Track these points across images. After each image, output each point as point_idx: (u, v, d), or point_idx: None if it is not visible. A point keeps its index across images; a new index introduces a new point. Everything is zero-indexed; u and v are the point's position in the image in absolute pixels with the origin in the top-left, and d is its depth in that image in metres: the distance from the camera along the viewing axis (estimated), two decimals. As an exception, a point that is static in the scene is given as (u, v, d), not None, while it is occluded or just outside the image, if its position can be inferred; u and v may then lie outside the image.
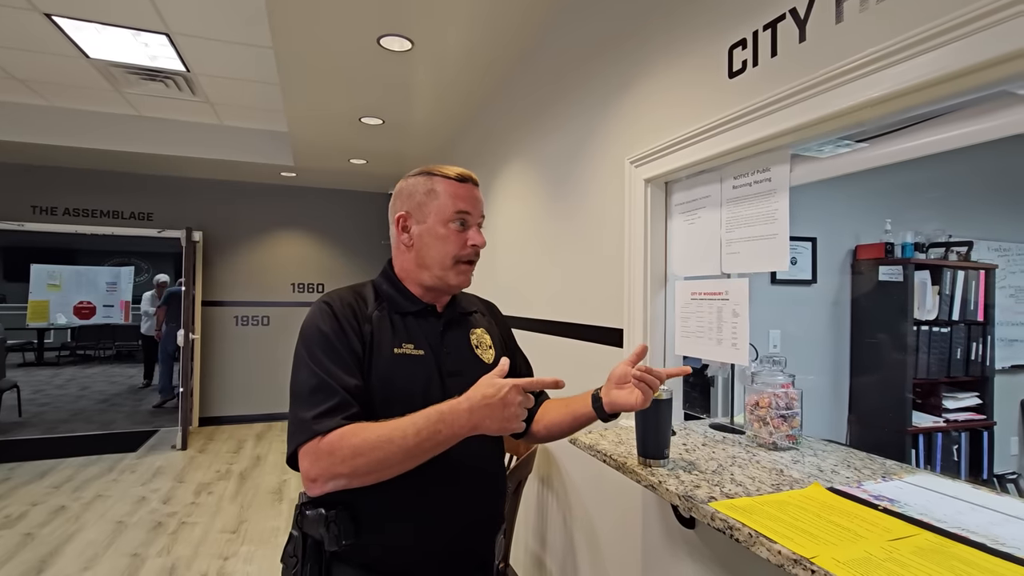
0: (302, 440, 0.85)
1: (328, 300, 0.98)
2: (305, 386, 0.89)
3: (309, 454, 0.84)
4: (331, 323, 0.94)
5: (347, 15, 2.16)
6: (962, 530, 0.79)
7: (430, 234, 1.00)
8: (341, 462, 0.82)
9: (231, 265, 5.44)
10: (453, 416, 0.82)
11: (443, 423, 0.82)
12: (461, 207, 1.00)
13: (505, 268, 2.76)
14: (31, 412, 5.77)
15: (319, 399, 0.87)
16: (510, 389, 0.81)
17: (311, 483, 0.84)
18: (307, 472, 0.84)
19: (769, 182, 1.15)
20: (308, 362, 0.91)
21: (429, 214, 1.00)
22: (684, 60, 1.38)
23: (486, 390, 0.82)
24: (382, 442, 0.81)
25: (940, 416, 2.69)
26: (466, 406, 0.82)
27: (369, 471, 0.83)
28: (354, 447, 0.82)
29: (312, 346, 0.92)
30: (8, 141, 4.02)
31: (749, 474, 1.06)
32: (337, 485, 0.84)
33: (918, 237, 2.70)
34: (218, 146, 4.46)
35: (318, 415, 0.85)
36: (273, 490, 3.68)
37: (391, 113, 3.34)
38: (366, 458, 0.82)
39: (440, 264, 1.00)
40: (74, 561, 2.66)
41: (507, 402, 0.81)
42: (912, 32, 0.82)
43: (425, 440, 0.82)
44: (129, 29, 2.81)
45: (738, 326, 1.23)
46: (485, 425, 0.83)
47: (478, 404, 0.82)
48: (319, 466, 0.83)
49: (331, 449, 0.83)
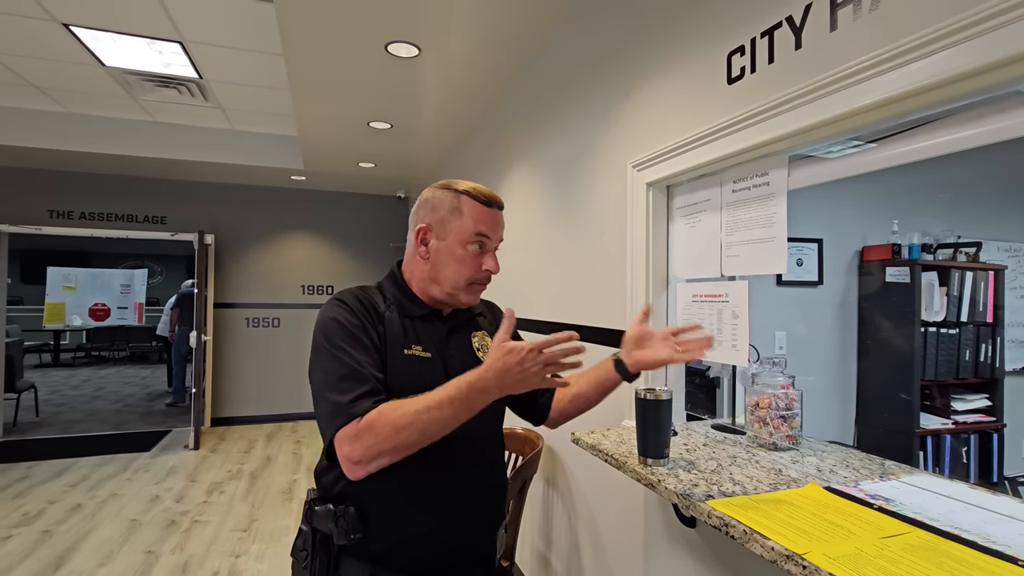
0: (339, 424, 0.86)
1: (342, 297, 1.00)
2: (334, 375, 0.91)
3: (348, 438, 0.85)
4: (350, 317, 0.96)
5: (355, 22, 2.20)
6: (955, 528, 0.80)
7: (447, 252, 1.02)
8: (385, 439, 0.83)
9: (242, 267, 5.52)
10: (481, 383, 0.84)
11: (472, 389, 0.84)
12: (482, 230, 1.01)
13: (510, 270, 2.79)
14: (48, 412, 5.89)
15: (351, 385, 0.89)
16: (527, 353, 0.84)
17: (354, 465, 0.85)
18: (349, 455, 0.85)
19: (767, 186, 1.17)
20: (334, 352, 0.92)
21: (450, 232, 1.01)
22: (684, 67, 1.40)
23: (504, 357, 0.84)
24: (419, 415, 0.83)
25: (949, 418, 2.68)
26: (491, 374, 0.84)
27: (411, 443, 0.85)
28: (394, 423, 0.84)
29: (335, 338, 0.94)
30: (26, 147, 4.12)
31: (748, 473, 1.08)
32: (381, 463, 0.85)
33: (926, 238, 2.69)
34: (230, 150, 4.54)
35: (354, 399, 0.87)
36: (283, 490, 3.73)
37: (399, 117, 3.38)
38: (408, 431, 0.83)
39: (453, 284, 1.02)
40: (90, 558, 2.73)
41: (524, 364, 0.84)
42: (904, 40, 0.84)
43: (459, 408, 0.85)
44: (144, 38, 2.88)
45: (738, 328, 1.25)
46: (510, 386, 0.85)
47: (500, 369, 0.84)
48: (361, 446, 0.84)
49: (371, 428, 0.84)
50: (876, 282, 2.68)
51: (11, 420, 5.20)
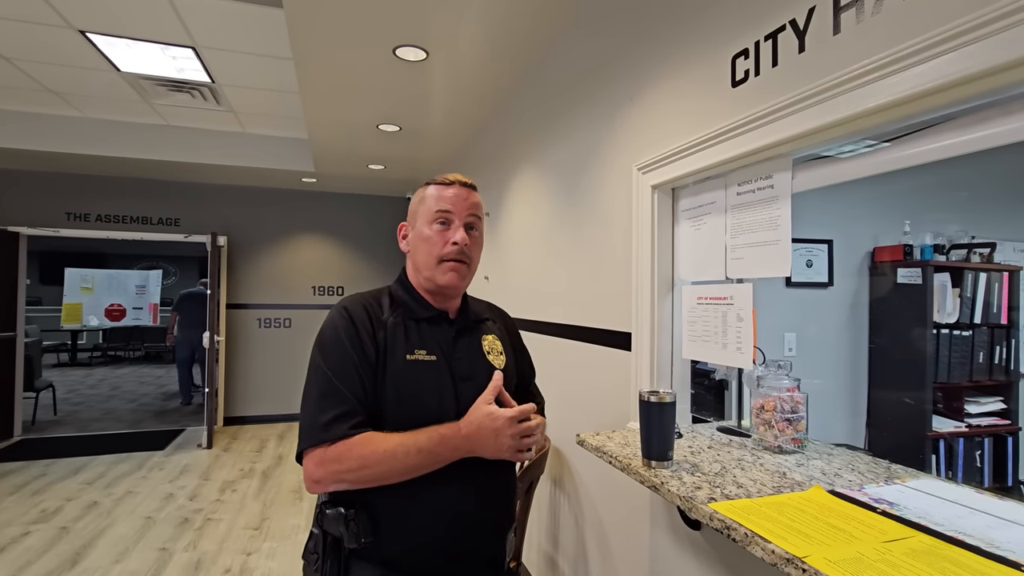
0: (309, 444, 0.91)
1: (346, 305, 1.02)
2: (316, 390, 0.94)
3: (315, 458, 0.90)
4: (347, 328, 0.98)
5: (364, 27, 2.22)
6: (959, 533, 0.80)
7: (418, 237, 1.06)
8: (348, 471, 0.89)
9: (254, 268, 5.59)
10: (453, 440, 0.91)
11: (443, 445, 0.90)
12: (442, 206, 1.03)
13: (516, 272, 2.80)
14: (65, 411, 6.00)
15: (329, 404, 0.92)
16: (504, 422, 0.89)
17: (314, 483, 0.91)
18: (311, 474, 0.91)
19: (772, 189, 1.17)
20: (322, 366, 0.95)
21: (418, 219, 1.06)
22: (689, 70, 1.40)
23: (483, 420, 0.90)
24: (387, 457, 0.89)
25: (962, 421, 2.64)
26: (464, 432, 0.90)
27: (373, 479, 0.91)
28: (361, 458, 0.89)
29: (326, 351, 0.97)
30: (45, 151, 4.21)
31: (751, 476, 1.08)
32: (339, 488, 0.91)
33: (938, 239, 2.65)
34: (241, 153, 4.59)
35: (327, 422, 0.91)
36: (294, 489, 3.77)
37: (407, 120, 3.40)
38: (371, 470, 0.89)
39: (427, 265, 1.04)
40: (106, 554, 2.78)
41: (499, 433, 0.89)
42: (908, 43, 0.84)
43: (426, 458, 0.90)
44: (158, 44, 2.93)
45: (743, 330, 1.25)
46: (480, 450, 0.91)
47: (474, 432, 0.90)
48: (325, 470, 0.90)
49: (339, 457, 0.89)
50: (887, 283, 2.65)
51: (30, 418, 5.31)
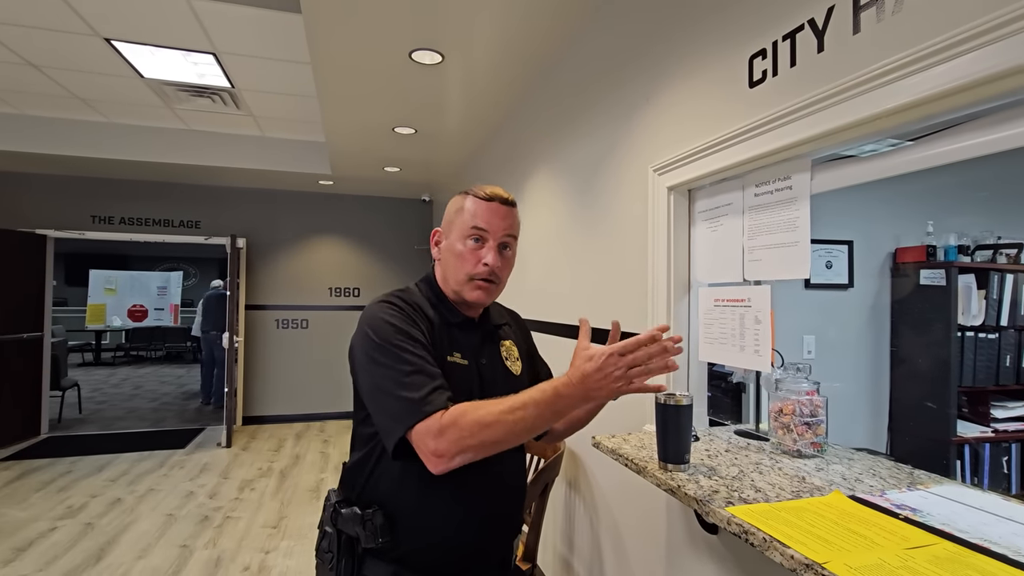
0: (414, 421, 0.85)
1: (389, 299, 1.00)
2: (399, 372, 0.89)
3: (432, 431, 0.84)
4: (403, 317, 0.97)
5: (380, 31, 2.25)
6: (984, 541, 0.78)
7: (449, 250, 1.04)
8: (470, 435, 0.83)
9: (272, 270, 5.67)
10: (567, 388, 0.84)
11: (557, 396, 0.84)
12: (478, 223, 1.01)
13: (532, 273, 2.80)
14: (90, 409, 6.14)
15: (420, 381, 0.89)
16: (605, 359, 0.83)
17: (438, 459, 0.84)
18: (434, 448, 0.84)
19: (790, 190, 1.16)
20: (394, 351, 0.91)
21: (453, 230, 1.04)
22: (705, 71, 1.39)
23: (584, 364, 0.84)
24: (505, 415, 0.84)
25: (988, 426, 2.58)
26: (575, 379, 0.84)
27: (496, 442, 0.85)
28: (479, 420, 0.84)
29: (391, 338, 0.93)
30: (70, 156, 4.32)
31: (770, 481, 1.06)
32: (464, 459, 0.85)
33: (962, 239, 2.60)
34: (261, 157, 4.67)
35: (426, 395, 0.87)
36: (311, 488, 3.82)
37: (423, 123, 3.43)
38: (492, 429, 0.83)
39: (456, 280, 1.03)
40: (129, 550, 2.84)
41: (605, 370, 0.83)
42: (930, 42, 0.83)
43: (544, 410, 0.84)
44: (180, 50, 2.99)
45: (760, 333, 1.24)
46: (595, 395, 0.84)
47: (579, 378, 0.84)
48: (446, 440, 0.83)
49: (456, 423, 0.84)
50: (910, 285, 2.60)
51: (56, 417, 5.45)
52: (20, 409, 4.80)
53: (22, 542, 2.90)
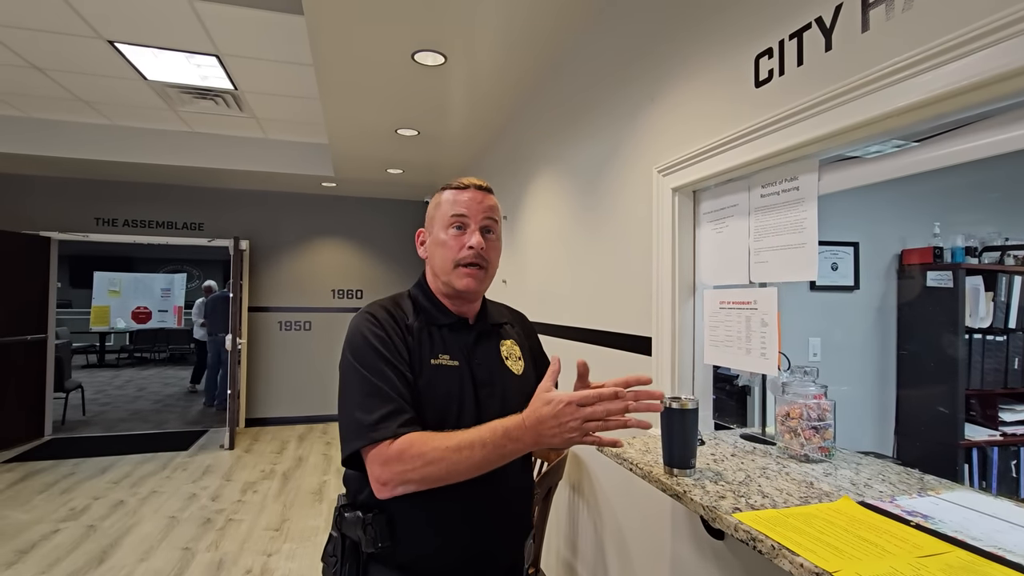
0: (361, 444, 0.88)
1: (371, 311, 1.01)
2: (358, 392, 0.92)
3: (379, 459, 0.86)
4: (378, 331, 0.97)
5: (383, 33, 2.24)
6: (998, 549, 0.77)
7: (434, 242, 1.05)
8: (412, 469, 0.85)
9: (275, 272, 5.67)
10: (516, 432, 0.84)
11: (507, 438, 0.84)
12: (458, 210, 1.02)
13: (535, 275, 2.79)
14: (93, 411, 6.15)
15: (374, 404, 0.90)
16: (564, 407, 0.81)
17: (382, 487, 0.87)
18: (378, 476, 0.87)
19: (797, 191, 1.14)
20: (359, 368, 0.93)
21: (435, 224, 1.05)
22: (711, 70, 1.38)
23: (541, 408, 0.83)
24: (450, 453, 0.84)
25: (996, 429, 2.55)
26: (527, 423, 0.83)
27: (438, 478, 0.86)
28: (424, 456, 0.85)
29: (362, 353, 0.95)
30: (74, 158, 4.33)
31: (777, 486, 1.05)
32: (407, 489, 0.87)
33: (970, 241, 2.57)
34: (263, 159, 4.67)
35: (376, 421, 0.88)
36: (314, 490, 3.81)
37: (426, 125, 3.42)
38: (436, 467, 0.84)
39: (444, 269, 1.03)
40: (132, 553, 2.83)
41: (561, 419, 0.81)
42: (940, 40, 0.81)
43: (491, 452, 0.84)
44: (183, 52, 2.99)
45: (767, 336, 1.22)
46: (546, 440, 0.83)
47: (535, 422, 0.83)
48: (390, 471, 0.86)
49: (401, 456, 0.85)
50: (916, 287, 2.58)
51: (60, 418, 5.46)
52: (24, 411, 4.81)
53: (24, 544, 2.89)
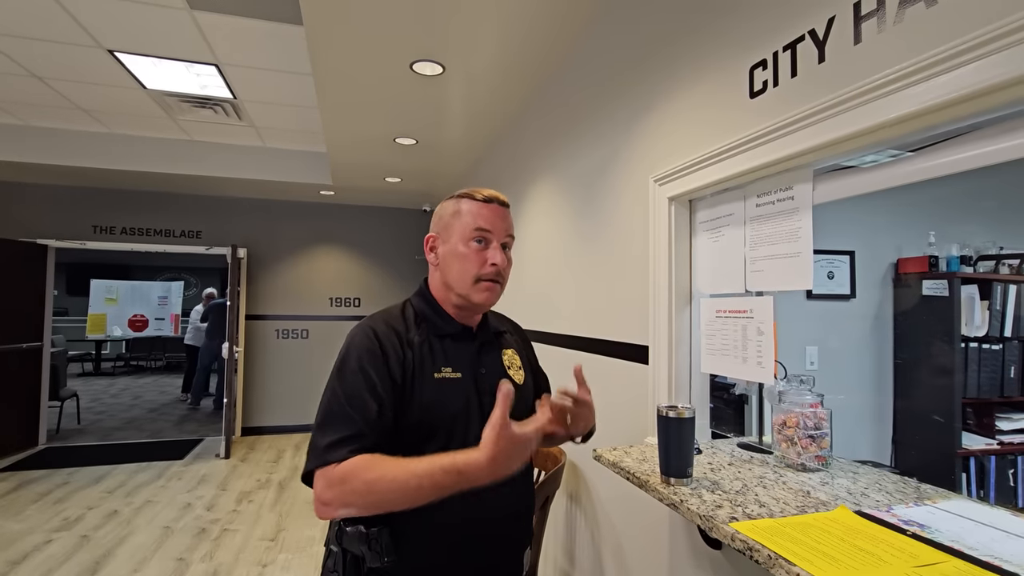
0: (314, 464, 0.88)
1: (372, 324, 1.00)
2: (324, 412, 0.92)
3: (323, 480, 0.86)
4: (374, 350, 0.95)
5: (381, 43, 2.26)
6: (994, 559, 0.77)
7: (452, 253, 1.03)
8: (354, 494, 0.84)
9: (273, 280, 5.66)
10: (473, 472, 0.81)
11: (462, 476, 0.81)
12: (481, 224, 1.01)
13: (531, 283, 2.79)
14: (88, 420, 6.10)
15: (333, 427, 0.90)
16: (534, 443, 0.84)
17: (323, 506, 0.86)
18: (320, 495, 0.86)
19: (792, 200, 1.15)
20: (336, 389, 0.93)
21: (453, 234, 1.03)
22: (706, 81, 1.39)
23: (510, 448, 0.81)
24: (396, 485, 0.83)
25: (993, 438, 2.56)
26: (485, 461, 0.80)
27: (381, 505, 0.85)
28: (368, 483, 0.84)
29: (343, 374, 0.94)
30: (73, 166, 4.34)
31: (774, 495, 1.05)
32: (349, 513, 0.87)
33: (965, 250, 2.59)
34: (262, 167, 4.68)
35: (329, 444, 0.88)
36: (310, 500, 3.77)
37: (424, 134, 3.44)
38: (378, 496, 0.84)
39: (461, 283, 1.02)
40: (125, 564, 2.80)
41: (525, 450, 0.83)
42: (931, 52, 0.82)
43: (441, 489, 0.83)
44: (182, 61, 3.01)
45: (763, 344, 1.22)
46: (503, 473, 0.83)
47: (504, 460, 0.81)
48: (331, 492, 0.85)
49: (344, 479, 0.85)
50: (912, 296, 2.59)
51: (55, 427, 5.42)
52: (18, 420, 4.77)
53: (17, 555, 2.86)
